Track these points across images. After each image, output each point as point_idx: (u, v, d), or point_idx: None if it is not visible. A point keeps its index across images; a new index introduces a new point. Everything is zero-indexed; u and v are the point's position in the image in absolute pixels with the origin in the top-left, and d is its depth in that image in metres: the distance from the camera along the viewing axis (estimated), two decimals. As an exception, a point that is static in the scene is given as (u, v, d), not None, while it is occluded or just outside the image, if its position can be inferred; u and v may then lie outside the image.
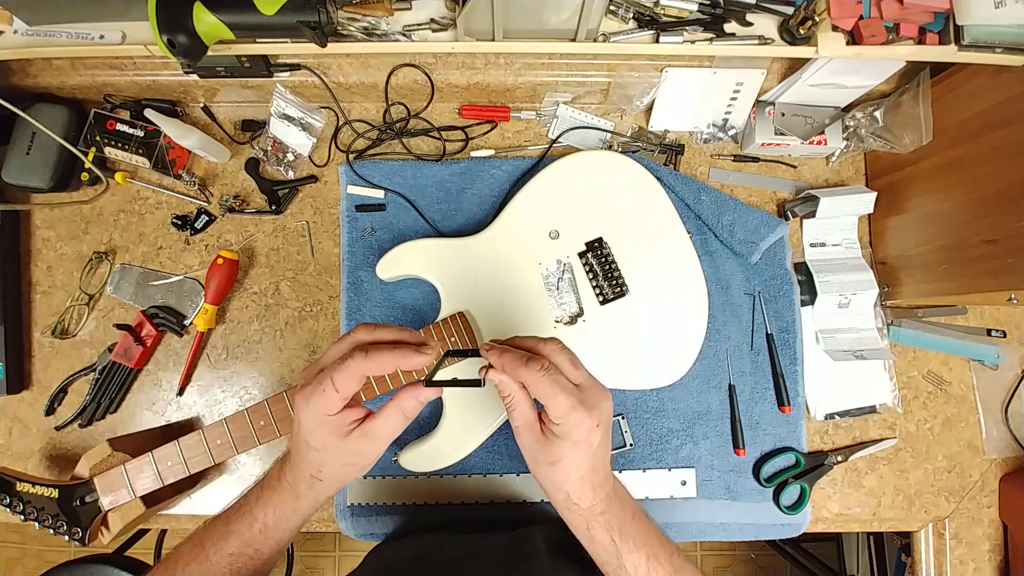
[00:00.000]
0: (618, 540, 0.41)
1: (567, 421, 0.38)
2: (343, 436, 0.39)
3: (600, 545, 0.41)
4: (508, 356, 0.39)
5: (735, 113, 0.67)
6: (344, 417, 0.39)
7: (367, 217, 0.67)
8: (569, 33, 0.55)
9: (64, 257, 0.68)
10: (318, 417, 0.38)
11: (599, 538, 0.41)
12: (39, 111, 0.64)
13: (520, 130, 0.70)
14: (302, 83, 0.65)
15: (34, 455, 0.66)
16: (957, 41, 0.52)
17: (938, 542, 0.68)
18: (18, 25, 0.56)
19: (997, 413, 0.68)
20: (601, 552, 0.42)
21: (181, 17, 0.46)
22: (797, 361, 0.65)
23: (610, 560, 0.41)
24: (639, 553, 0.41)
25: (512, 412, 0.41)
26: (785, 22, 0.55)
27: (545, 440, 0.40)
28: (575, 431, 0.39)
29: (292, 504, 0.41)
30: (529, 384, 0.39)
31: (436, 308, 0.61)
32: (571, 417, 0.38)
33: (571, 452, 0.39)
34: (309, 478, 0.40)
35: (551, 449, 0.40)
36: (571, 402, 0.38)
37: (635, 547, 0.41)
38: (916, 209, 0.63)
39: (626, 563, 0.41)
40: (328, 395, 0.37)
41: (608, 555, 0.41)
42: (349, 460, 0.40)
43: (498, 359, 0.39)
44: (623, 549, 0.41)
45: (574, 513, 0.42)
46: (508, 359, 0.39)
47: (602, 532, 0.41)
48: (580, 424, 0.38)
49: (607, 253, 0.61)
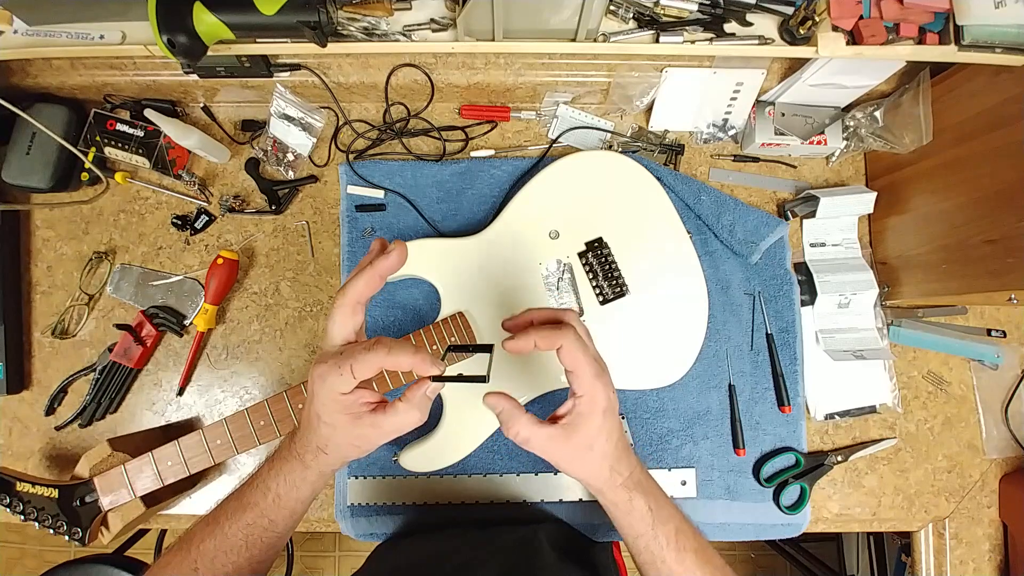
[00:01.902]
0: (654, 510, 0.43)
1: (593, 389, 0.40)
2: (354, 418, 0.39)
3: (638, 515, 0.43)
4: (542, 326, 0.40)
5: (735, 113, 0.67)
6: (357, 397, 0.39)
7: (367, 217, 0.67)
8: (569, 33, 0.55)
9: (64, 257, 0.68)
10: (332, 394, 0.39)
11: (638, 508, 0.42)
12: (39, 111, 0.64)
13: (520, 130, 0.70)
14: (302, 83, 0.65)
15: (34, 455, 0.66)
16: (957, 41, 0.52)
17: (938, 542, 0.68)
18: (18, 25, 0.56)
19: (997, 413, 0.68)
20: (638, 523, 0.43)
21: (181, 17, 0.46)
22: (797, 361, 0.65)
23: (645, 531, 0.42)
24: (669, 525, 0.43)
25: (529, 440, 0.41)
26: (785, 22, 0.55)
27: (574, 433, 0.41)
28: (599, 399, 0.40)
29: (301, 473, 0.42)
30: (563, 349, 0.39)
31: (436, 308, 0.61)
32: (596, 384, 0.40)
33: (603, 422, 0.41)
34: (315, 449, 0.41)
35: (583, 434, 0.41)
36: (595, 370, 0.40)
37: (667, 519, 0.43)
38: (916, 209, 0.63)
39: (659, 533, 0.42)
40: (344, 378, 0.38)
41: (645, 525, 0.42)
42: (354, 441, 0.41)
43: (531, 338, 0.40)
44: (657, 519, 0.42)
45: (619, 487, 0.43)
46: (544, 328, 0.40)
47: (641, 501, 0.43)
48: (604, 389, 0.41)
49: (607, 253, 0.61)
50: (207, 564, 0.41)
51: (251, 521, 0.42)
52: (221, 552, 0.42)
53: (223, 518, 0.43)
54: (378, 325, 0.65)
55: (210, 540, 0.42)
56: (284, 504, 0.43)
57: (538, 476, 0.63)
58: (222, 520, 0.43)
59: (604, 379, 0.41)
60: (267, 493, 0.43)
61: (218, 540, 0.42)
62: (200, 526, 0.43)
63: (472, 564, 0.50)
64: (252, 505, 0.43)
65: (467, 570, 0.49)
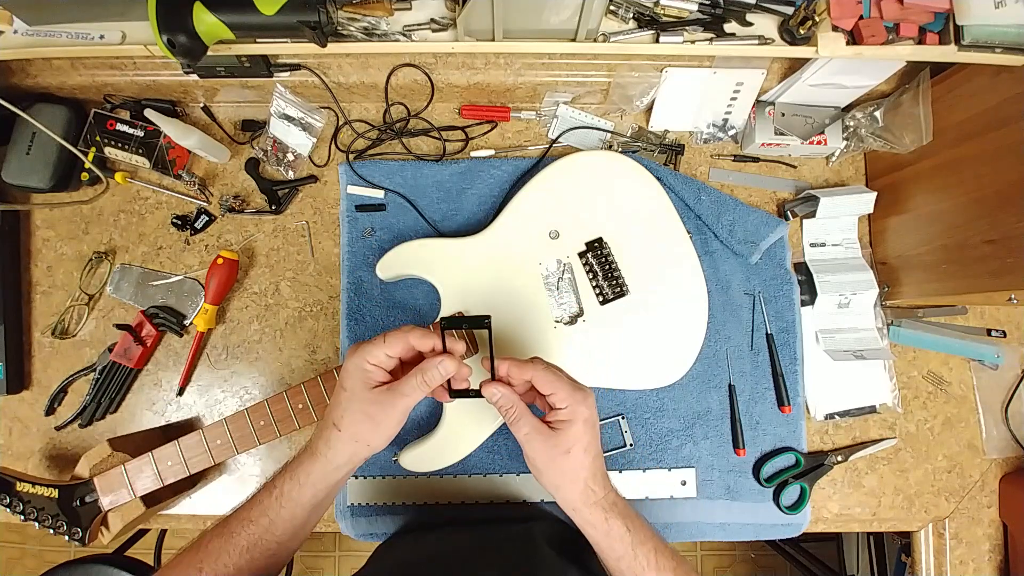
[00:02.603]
0: (632, 530, 0.44)
1: (572, 401, 0.44)
2: (369, 387, 0.44)
3: (616, 536, 0.44)
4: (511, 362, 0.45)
5: (735, 113, 0.67)
6: (377, 372, 0.45)
7: (367, 217, 0.67)
8: (569, 33, 0.55)
9: (64, 257, 0.68)
10: (360, 363, 0.44)
11: (616, 529, 0.44)
12: (39, 111, 0.64)
13: (520, 130, 0.70)
14: (302, 83, 0.65)
15: (34, 455, 0.66)
16: (957, 41, 0.52)
17: (938, 542, 0.68)
18: (18, 25, 0.56)
19: (997, 413, 0.68)
20: (617, 544, 0.44)
21: (181, 17, 0.46)
22: (797, 361, 0.65)
23: (626, 552, 0.44)
24: (648, 545, 0.44)
25: (517, 422, 0.45)
26: (785, 22, 0.55)
27: (554, 434, 0.44)
28: (580, 409, 0.44)
29: (307, 466, 0.44)
30: (535, 378, 0.44)
31: (436, 308, 0.61)
32: (575, 396, 0.44)
33: (582, 433, 0.44)
34: (331, 427, 0.44)
35: (562, 438, 0.44)
36: (572, 384, 0.44)
37: (644, 539, 0.44)
38: (916, 209, 0.63)
39: (639, 555, 0.43)
40: (376, 345, 0.44)
41: (624, 546, 0.44)
42: (368, 410, 0.44)
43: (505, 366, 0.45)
44: (636, 540, 0.44)
45: (593, 505, 0.44)
46: (512, 364, 0.45)
47: (618, 523, 0.44)
48: (583, 402, 0.44)
49: (607, 253, 0.61)
50: (211, 563, 0.42)
51: (254, 519, 0.43)
52: (224, 552, 0.43)
53: (232, 518, 0.45)
54: (378, 325, 0.65)
55: (217, 539, 0.43)
56: (285, 504, 0.44)
57: (538, 476, 0.63)
58: (231, 520, 0.44)
59: (583, 393, 0.44)
60: (272, 490, 0.44)
61: (224, 539, 0.43)
62: (212, 527, 0.45)
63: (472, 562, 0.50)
64: (257, 503, 0.44)
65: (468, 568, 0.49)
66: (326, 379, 0.56)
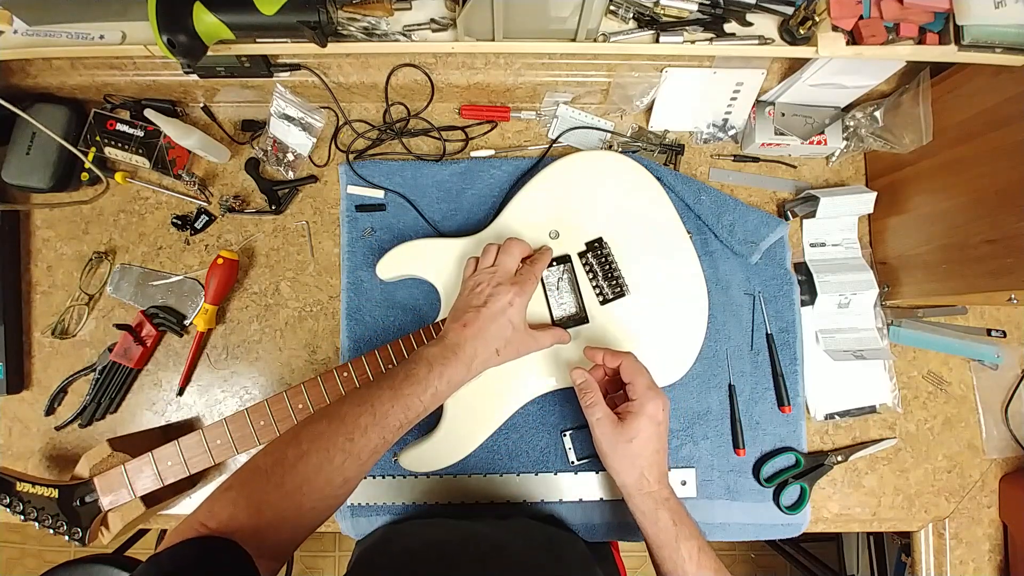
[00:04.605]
0: (678, 525, 0.48)
1: (645, 395, 0.50)
2: (526, 326, 0.53)
3: (662, 527, 0.49)
4: (607, 350, 0.54)
5: (735, 113, 0.67)
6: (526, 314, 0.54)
7: (367, 217, 0.67)
8: (569, 33, 0.54)
9: (64, 257, 0.68)
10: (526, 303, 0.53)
11: (663, 521, 0.49)
12: (39, 111, 0.64)
13: (520, 130, 0.70)
14: (302, 83, 0.65)
15: (34, 455, 0.66)
16: (957, 41, 0.52)
17: (938, 542, 0.68)
18: (18, 25, 0.56)
19: (997, 413, 0.68)
20: (662, 534, 0.49)
21: (181, 17, 0.47)
22: (797, 361, 0.65)
23: (668, 543, 0.48)
24: (692, 542, 0.48)
25: (592, 407, 0.51)
26: (785, 22, 0.55)
27: (622, 422, 0.50)
28: (650, 405, 0.50)
29: (463, 375, 0.50)
30: (623, 366, 0.52)
31: (436, 308, 0.61)
32: (648, 393, 0.50)
33: (646, 425, 0.50)
34: (493, 352, 0.51)
35: (629, 427, 0.50)
36: (650, 382, 0.51)
37: (689, 536, 0.48)
38: (916, 209, 0.63)
39: (681, 548, 0.48)
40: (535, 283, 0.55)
41: (667, 537, 0.48)
42: (520, 344, 0.53)
43: (601, 353, 0.53)
44: (680, 535, 0.48)
45: (645, 494, 0.50)
46: (608, 352, 0.53)
47: (666, 515, 0.49)
48: (655, 399, 0.50)
49: (607, 253, 0.61)
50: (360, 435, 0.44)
51: (408, 405, 0.46)
52: (377, 428, 0.44)
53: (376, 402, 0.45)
54: (378, 325, 0.65)
55: (367, 416, 0.44)
56: (438, 399, 0.49)
57: (538, 476, 0.63)
58: (376, 404, 0.45)
59: (656, 392, 0.51)
60: (428, 388, 0.47)
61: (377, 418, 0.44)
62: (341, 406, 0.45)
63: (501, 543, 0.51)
64: (412, 395, 0.47)
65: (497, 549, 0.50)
66: (326, 379, 0.56)
